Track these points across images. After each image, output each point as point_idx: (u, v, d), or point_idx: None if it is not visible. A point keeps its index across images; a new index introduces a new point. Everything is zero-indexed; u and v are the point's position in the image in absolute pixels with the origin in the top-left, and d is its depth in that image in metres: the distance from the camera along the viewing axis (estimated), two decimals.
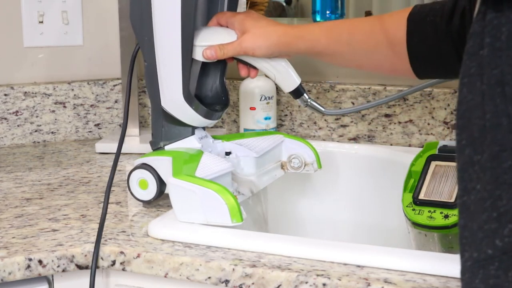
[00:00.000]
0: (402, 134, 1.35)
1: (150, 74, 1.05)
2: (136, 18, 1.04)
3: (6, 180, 1.20)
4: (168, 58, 1.02)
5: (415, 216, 1.08)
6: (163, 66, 1.02)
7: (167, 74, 1.03)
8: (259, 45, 0.99)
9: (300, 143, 1.17)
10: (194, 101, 1.04)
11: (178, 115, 1.05)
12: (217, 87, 1.10)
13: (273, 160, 1.16)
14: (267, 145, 1.14)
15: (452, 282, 0.79)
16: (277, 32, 1.00)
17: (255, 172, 1.11)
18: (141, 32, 1.04)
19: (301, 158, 1.17)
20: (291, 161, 1.17)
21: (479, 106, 0.57)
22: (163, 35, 1.01)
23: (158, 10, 1.00)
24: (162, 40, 1.01)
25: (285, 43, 0.99)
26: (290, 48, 0.99)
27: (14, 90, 1.42)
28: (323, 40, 0.98)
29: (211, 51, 1.01)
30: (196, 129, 1.09)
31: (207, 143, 1.10)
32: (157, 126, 1.09)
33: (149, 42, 1.03)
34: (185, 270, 0.86)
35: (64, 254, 0.90)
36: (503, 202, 0.54)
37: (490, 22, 0.57)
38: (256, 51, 1.00)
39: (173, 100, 1.04)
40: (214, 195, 0.91)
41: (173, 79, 1.02)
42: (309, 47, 0.99)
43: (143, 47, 1.05)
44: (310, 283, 0.81)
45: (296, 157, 1.17)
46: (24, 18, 1.44)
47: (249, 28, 1.00)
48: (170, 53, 1.01)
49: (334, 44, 0.97)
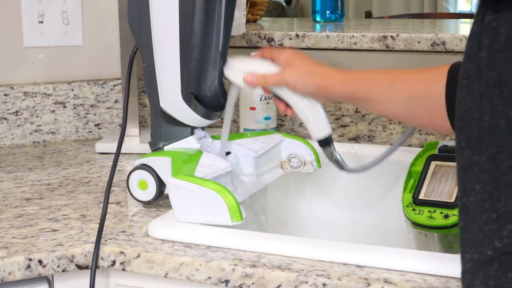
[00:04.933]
0: (402, 134, 1.35)
1: (148, 74, 1.05)
2: (134, 19, 1.04)
3: (6, 180, 1.20)
4: (166, 58, 1.02)
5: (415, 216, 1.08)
6: (161, 67, 1.02)
7: (166, 74, 1.03)
8: (301, 81, 0.98)
9: (299, 142, 1.17)
10: (192, 101, 1.04)
11: (177, 115, 1.05)
12: (215, 87, 1.10)
13: (273, 159, 1.16)
14: (266, 144, 1.14)
15: (452, 282, 0.79)
16: (321, 73, 0.98)
17: (254, 172, 1.11)
18: (139, 33, 1.04)
19: (300, 157, 1.17)
20: (291, 161, 1.17)
21: (477, 107, 0.57)
22: (161, 36, 1.01)
23: (156, 11, 1.00)
24: (160, 40, 1.01)
25: (327, 86, 0.98)
26: (331, 91, 0.98)
27: (14, 90, 1.42)
28: (365, 87, 0.97)
29: (252, 77, 1.00)
30: (195, 129, 1.09)
31: (206, 143, 1.10)
32: (156, 127, 1.09)
33: (147, 43, 1.03)
34: (185, 270, 0.86)
35: (64, 254, 0.90)
36: (501, 203, 0.54)
37: (488, 24, 0.57)
38: (298, 86, 0.98)
39: (171, 100, 1.04)
40: (213, 195, 0.91)
41: (171, 79, 1.02)
42: (350, 93, 0.97)
43: (141, 48, 1.05)
44: (310, 283, 0.81)
45: (295, 156, 1.17)
46: (24, 18, 1.44)
47: (295, 63, 0.99)
48: (168, 53, 1.01)
49: (375, 91, 0.96)
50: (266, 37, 1.41)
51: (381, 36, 1.34)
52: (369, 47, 1.35)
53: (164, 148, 1.08)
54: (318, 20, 1.68)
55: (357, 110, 1.37)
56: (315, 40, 1.39)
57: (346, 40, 1.37)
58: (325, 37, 1.38)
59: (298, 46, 1.40)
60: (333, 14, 1.68)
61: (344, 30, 1.44)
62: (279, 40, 1.41)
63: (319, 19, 1.68)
